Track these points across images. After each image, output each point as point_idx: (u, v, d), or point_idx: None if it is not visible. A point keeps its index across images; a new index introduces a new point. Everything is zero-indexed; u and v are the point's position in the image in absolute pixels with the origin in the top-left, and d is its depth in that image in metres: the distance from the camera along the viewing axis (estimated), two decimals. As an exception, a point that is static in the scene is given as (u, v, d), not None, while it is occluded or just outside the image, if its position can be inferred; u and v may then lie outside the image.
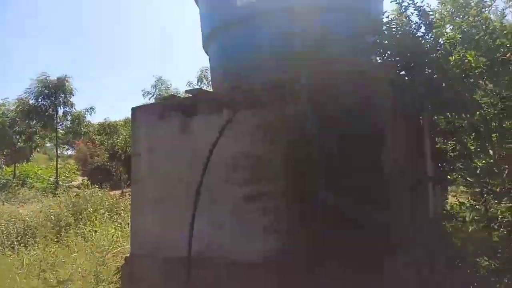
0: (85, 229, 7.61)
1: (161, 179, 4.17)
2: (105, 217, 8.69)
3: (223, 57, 4.62)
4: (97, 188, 14.17)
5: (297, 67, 3.38)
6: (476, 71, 2.86)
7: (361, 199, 2.75)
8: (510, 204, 3.00)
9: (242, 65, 4.20)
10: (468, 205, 4.13)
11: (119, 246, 6.68)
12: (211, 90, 5.81)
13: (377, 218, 2.78)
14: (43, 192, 17.24)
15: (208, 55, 5.09)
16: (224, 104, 3.82)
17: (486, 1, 3.37)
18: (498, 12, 3.36)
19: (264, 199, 2.93)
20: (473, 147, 3.70)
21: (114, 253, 6.02)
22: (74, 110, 21.60)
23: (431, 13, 3.46)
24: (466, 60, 2.76)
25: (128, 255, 4.51)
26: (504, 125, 3.43)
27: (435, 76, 3.35)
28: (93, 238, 7.17)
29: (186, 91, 4.13)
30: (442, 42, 3.05)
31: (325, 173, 2.98)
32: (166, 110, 4.22)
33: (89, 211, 9.08)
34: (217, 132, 3.69)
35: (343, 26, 4.02)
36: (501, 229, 2.99)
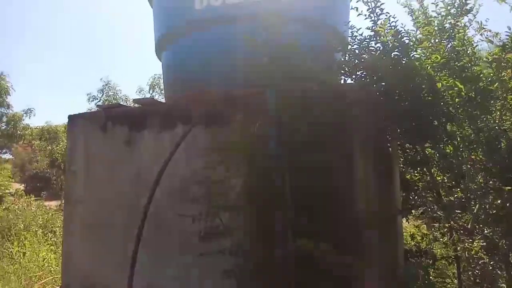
0: (13, 249, 6.73)
1: (99, 202, 3.61)
2: (38, 235, 7.79)
3: (178, 65, 4.17)
4: (32, 198, 12.93)
5: (263, 81, 3.01)
6: (457, 100, 2.66)
7: (328, 240, 2.39)
8: (484, 243, 2.79)
9: (199, 75, 3.78)
10: (431, 237, 3.96)
11: (51, 271, 5.91)
12: (164, 100, 5.31)
13: (345, 263, 2.43)
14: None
15: (160, 61, 4.61)
16: (178, 118, 3.37)
17: (460, 26, 3.18)
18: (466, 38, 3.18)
19: (221, 238, 2.51)
20: (439, 178, 3.52)
21: (43, 282, 5.26)
22: (11, 112, 19.66)
23: (405, 34, 3.26)
24: (455, 88, 2.54)
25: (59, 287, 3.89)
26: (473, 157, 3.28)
27: (407, 102, 3.13)
28: (21, 260, 6.33)
29: (134, 101, 3.62)
30: (419, 66, 2.82)
31: (291, 209, 2.61)
32: (110, 121, 3.69)
33: (20, 227, 8.11)
34: (168, 151, 3.23)
35: (312, 41, 3.73)
36: (476, 271, 2.78)
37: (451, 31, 3.30)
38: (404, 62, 2.87)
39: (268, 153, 2.80)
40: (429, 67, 2.71)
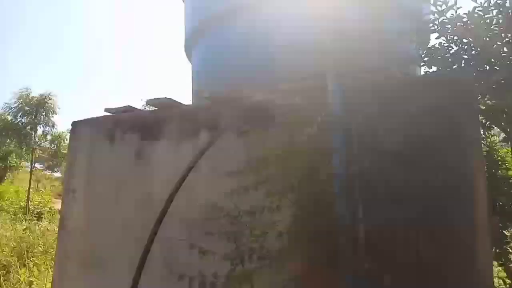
0: (20, 277, 6.04)
1: (100, 230, 2.75)
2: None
3: (211, 59, 3.34)
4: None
5: (321, 68, 2.07)
6: None
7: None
8: None
9: (235, 69, 2.91)
10: None
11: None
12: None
13: None
14: (13, 217, 15.37)
15: (190, 61, 3.80)
16: (202, 122, 2.49)
17: None
18: None
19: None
20: None
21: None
22: (55, 130, 19.82)
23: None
24: None
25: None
26: None
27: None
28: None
29: (148, 102, 2.77)
30: None
31: (366, 260, 1.60)
32: (119, 128, 2.87)
33: (40, 249, 7.45)
34: (186, 165, 2.33)
35: (385, 23, 2.78)
36: None
37: None
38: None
39: (330, 172, 1.82)
40: None
